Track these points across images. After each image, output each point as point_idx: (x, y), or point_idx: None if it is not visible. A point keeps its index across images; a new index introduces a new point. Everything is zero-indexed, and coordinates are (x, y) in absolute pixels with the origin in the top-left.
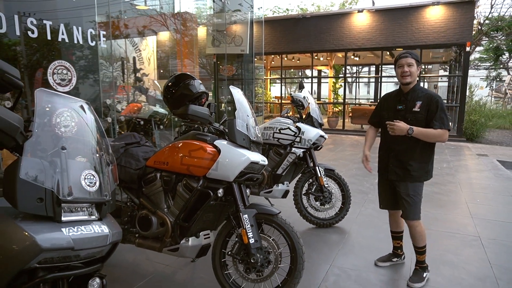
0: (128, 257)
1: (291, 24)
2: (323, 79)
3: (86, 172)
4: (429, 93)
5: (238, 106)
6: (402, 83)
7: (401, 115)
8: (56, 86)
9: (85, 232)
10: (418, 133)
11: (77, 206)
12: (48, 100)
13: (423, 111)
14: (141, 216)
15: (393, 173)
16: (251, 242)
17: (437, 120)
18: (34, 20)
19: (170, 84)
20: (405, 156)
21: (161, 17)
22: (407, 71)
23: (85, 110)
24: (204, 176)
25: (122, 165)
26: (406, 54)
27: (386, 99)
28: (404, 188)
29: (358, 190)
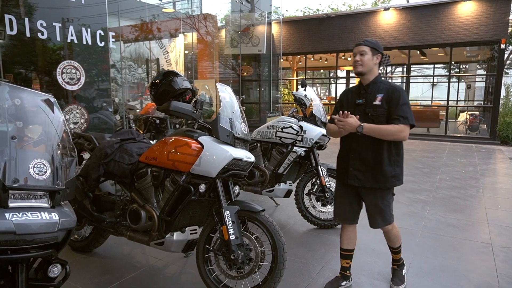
0: (124, 249)
1: (315, 24)
2: (351, 79)
3: (36, 161)
4: (391, 85)
5: (223, 103)
6: (355, 74)
7: (361, 110)
8: (64, 85)
9: (30, 218)
10: (369, 130)
11: (29, 194)
12: (5, 92)
13: (385, 105)
14: (132, 210)
15: (354, 178)
16: (231, 238)
17: (398, 113)
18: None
19: (156, 81)
20: (368, 157)
21: (190, 20)
22: (358, 60)
23: (48, 104)
24: (189, 172)
25: (116, 159)
26: (359, 42)
27: (346, 95)
28: (370, 197)
29: None
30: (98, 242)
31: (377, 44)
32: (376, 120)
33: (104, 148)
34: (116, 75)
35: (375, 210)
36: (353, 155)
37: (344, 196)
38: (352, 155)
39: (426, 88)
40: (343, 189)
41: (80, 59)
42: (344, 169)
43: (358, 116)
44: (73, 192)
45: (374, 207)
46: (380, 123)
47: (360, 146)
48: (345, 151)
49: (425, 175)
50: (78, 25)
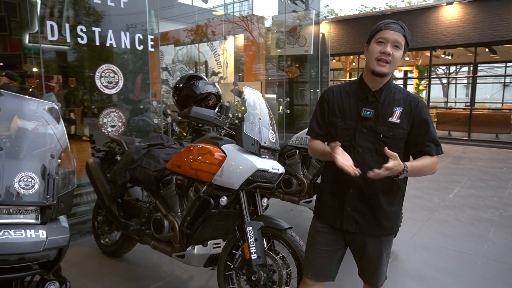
0: (153, 257)
1: (369, 22)
2: (409, 80)
3: (23, 174)
4: (411, 95)
5: (249, 109)
6: (375, 72)
7: (367, 127)
8: (103, 89)
9: (12, 237)
10: (412, 171)
11: (17, 209)
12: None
13: (405, 124)
14: (155, 218)
15: (351, 222)
16: (253, 258)
17: (431, 140)
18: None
19: (178, 85)
20: (376, 195)
21: (239, 22)
22: (389, 53)
23: (51, 113)
24: (211, 182)
25: (142, 166)
26: (397, 26)
27: (338, 96)
28: (372, 246)
29: (423, 206)
30: (126, 248)
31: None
32: (393, 145)
33: (131, 153)
34: (168, 77)
35: (378, 263)
36: (353, 190)
37: (329, 244)
38: (352, 191)
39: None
40: (329, 234)
41: (119, 63)
42: (337, 209)
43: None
44: (70, 207)
45: (378, 259)
46: (396, 150)
47: (365, 177)
48: (339, 183)
49: (491, 189)
50: (120, 30)
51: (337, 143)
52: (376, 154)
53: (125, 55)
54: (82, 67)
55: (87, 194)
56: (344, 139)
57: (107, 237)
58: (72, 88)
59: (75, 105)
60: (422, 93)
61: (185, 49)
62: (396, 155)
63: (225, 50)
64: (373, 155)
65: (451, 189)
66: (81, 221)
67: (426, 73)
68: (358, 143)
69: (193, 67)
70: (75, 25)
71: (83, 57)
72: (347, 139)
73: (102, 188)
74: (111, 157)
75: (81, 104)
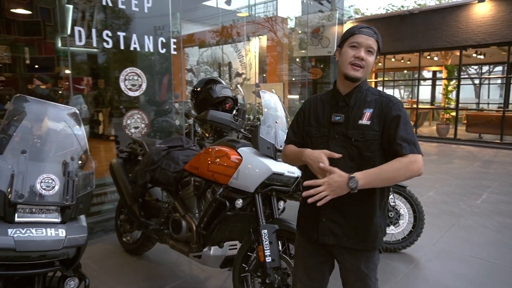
0: (172, 256)
1: (396, 21)
2: (438, 81)
3: (44, 175)
4: (384, 95)
5: (265, 111)
6: (348, 76)
7: (339, 132)
8: (127, 91)
9: (34, 235)
10: (367, 181)
11: (39, 208)
12: (21, 106)
13: (376, 125)
14: (174, 219)
15: (328, 234)
16: (267, 260)
17: (402, 137)
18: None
19: (196, 89)
20: (354, 206)
21: (263, 23)
22: (363, 57)
23: (72, 117)
24: (227, 184)
25: (162, 167)
26: (370, 31)
27: (314, 105)
28: (350, 259)
29: (448, 212)
30: (147, 247)
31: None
32: (364, 149)
33: (151, 155)
34: (193, 79)
35: (356, 277)
36: (329, 200)
37: (311, 256)
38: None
39: None
40: (310, 246)
41: (142, 66)
42: (313, 220)
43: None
44: (88, 207)
45: (355, 273)
46: (369, 153)
47: None
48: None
49: None
50: (144, 34)
51: None
52: (350, 159)
53: (149, 58)
54: (108, 70)
55: (111, 193)
56: (318, 147)
57: (128, 235)
58: (99, 90)
59: (102, 106)
60: (451, 94)
61: (209, 50)
62: (335, 168)
63: (249, 51)
64: (347, 161)
65: (479, 195)
66: (105, 219)
67: (455, 73)
68: (332, 149)
69: (217, 68)
70: (101, 30)
71: (109, 60)
72: (321, 147)
73: (124, 188)
74: (134, 158)
75: (108, 105)
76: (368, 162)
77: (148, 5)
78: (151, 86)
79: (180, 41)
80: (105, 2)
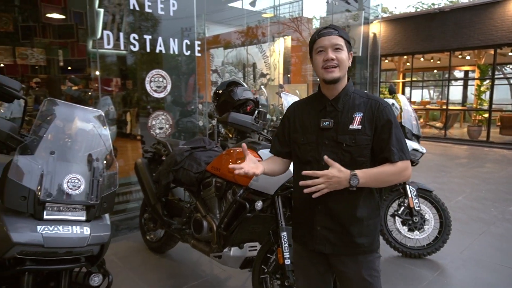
0: (194, 255)
1: (425, 20)
2: (470, 81)
3: (71, 175)
4: (372, 98)
5: None
6: (326, 80)
7: (329, 138)
8: (152, 93)
9: (61, 232)
10: (367, 180)
11: (66, 206)
12: (51, 109)
13: (368, 129)
14: (195, 219)
15: (324, 242)
16: (286, 263)
17: (394, 145)
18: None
19: (218, 91)
20: (346, 210)
21: (288, 23)
22: (333, 58)
23: (98, 120)
24: (247, 186)
25: (185, 167)
26: (329, 30)
27: (299, 112)
28: (351, 267)
29: (478, 218)
30: (169, 245)
31: (348, 36)
32: (357, 154)
33: (174, 155)
34: (218, 79)
35: (359, 286)
36: (320, 207)
37: (309, 267)
38: (319, 207)
39: None
40: (307, 256)
41: (167, 68)
42: (307, 228)
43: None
44: (112, 206)
45: (359, 283)
46: (362, 158)
47: (331, 192)
48: (306, 199)
49: None
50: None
51: None
52: (341, 165)
53: (175, 60)
54: (135, 71)
55: (136, 192)
56: (307, 154)
57: (152, 233)
58: (127, 91)
59: (130, 107)
60: (484, 94)
61: (234, 51)
62: (335, 163)
63: (273, 51)
64: None
65: (510, 200)
66: (130, 217)
67: (489, 73)
68: (322, 156)
69: (241, 69)
70: (129, 33)
71: (136, 62)
72: (311, 154)
73: (148, 187)
74: (158, 158)
75: (135, 106)
76: (360, 167)
77: (174, 8)
78: (176, 87)
79: (205, 42)
80: (133, 6)
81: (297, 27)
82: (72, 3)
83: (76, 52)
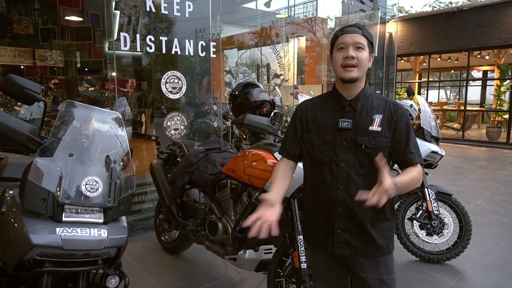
0: (208, 256)
1: (443, 19)
2: (489, 81)
3: (89, 178)
4: (390, 101)
5: None
6: (344, 79)
7: (347, 139)
8: (167, 94)
9: (79, 234)
10: (402, 187)
11: (84, 208)
12: (70, 111)
13: (387, 132)
14: (210, 220)
15: (344, 245)
16: (303, 267)
17: (412, 148)
18: None
19: (234, 92)
20: (365, 212)
21: (302, 24)
22: (353, 56)
23: (116, 122)
24: (263, 188)
25: (200, 169)
26: (353, 28)
27: (312, 111)
28: (370, 270)
29: (498, 222)
30: (184, 246)
31: (372, 37)
32: (375, 156)
33: (190, 157)
34: (232, 80)
35: None
36: (341, 209)
37: (327, 271)
38: (340, 210)
39: None
40: (324, 260)
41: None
42: (325, 232)
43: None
44: (129, 208)
45: (379, 285)
46: None
47: (351, 194)
48: (324, 202)
49: None
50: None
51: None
52: (360, 167)
53: (190, 61)
54: (151, 72)
55: (152, 193)
56: (323, 155)
57: (167, 234)
58: (142, 92)
59: (145, 107)
60: (504, 95)
61: (248, 52)
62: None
63: (287, 52)
64: (357, 169)
65: None
66: (145, 218)
67: (509, 73)
68: (340, 157)
69: (255, 70)
70: (145, 34)
71: (152, 63)
72: (327, 155)
73: (163, 188)
74: (173, 159)
75: (150, 107)
76: (376, 170)
77: (190, 9)
78: (190, 88)
79: (219, 43)
80: (149, 8)
81: (311, 27)
82: (89, 6)
83: (93, 54)
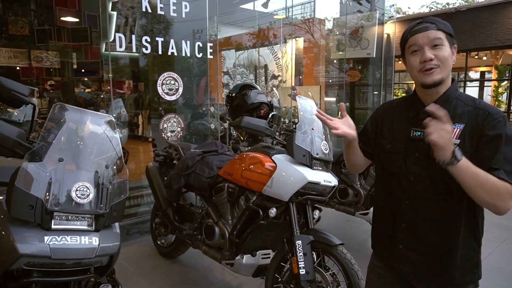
0: (205, 261)
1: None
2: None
3: (80, 184)
4: (481, 106)
5: (301, 118)
6: (426, 85)
7: (420, 150)
8: (164, 95)
9: (69, 242)
10: (466, 169)
11: (74, 216)
12: (61, 114)
13: (468, 145)
14: (207, 225)
15: (405, 262)
16: (301, 273)
17: (499, 164)
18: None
19: (231, 94)
20: (435, 232)
21: (301, 25)
22: (432, 58)
23: (109, 125)
24: (260, 192)
25: (196, 172)
26: (425, 25)
27: (389, 115)
28: None
29: (499, 224)
30: (180, 251)
31: (450, 27)
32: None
33: (186, 159)
34: (229, 81)
35: None
36: (404, 225)
37: (386, 285)
38: (403, 225)
39: None
40: (385, 273)
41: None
42: (388, 243)
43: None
44: (122, 215)
45: None
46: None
47: (417, 211)
48: (389, 211)
49: None
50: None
51: None
52: (431, 183)
53: (187, 62)
54: (147, 73)
55: (147, 196)
56: (392, 164)
57: (163, 238)
58: (139, 93)
59: (142, 109)
60: (502, 96)
61: (246, 53)
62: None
63: (285, 53)
64: (428, 185)
65: None
66: (141, 221)
67: (507, 74)
68: (410, 170)
69: (253, 71)
70: (141, 35)
71: (148, 64)
72: (396, 165)
73: (159, 191)
74: (169, 162)
75: (147, 108)
76: (453, 188)
77: (186, 10)
78: (188, 89)
79: (217, 44)
80: (145, 9)
81: (309, 28)
82: (86, 7)
83: (90, 55)
